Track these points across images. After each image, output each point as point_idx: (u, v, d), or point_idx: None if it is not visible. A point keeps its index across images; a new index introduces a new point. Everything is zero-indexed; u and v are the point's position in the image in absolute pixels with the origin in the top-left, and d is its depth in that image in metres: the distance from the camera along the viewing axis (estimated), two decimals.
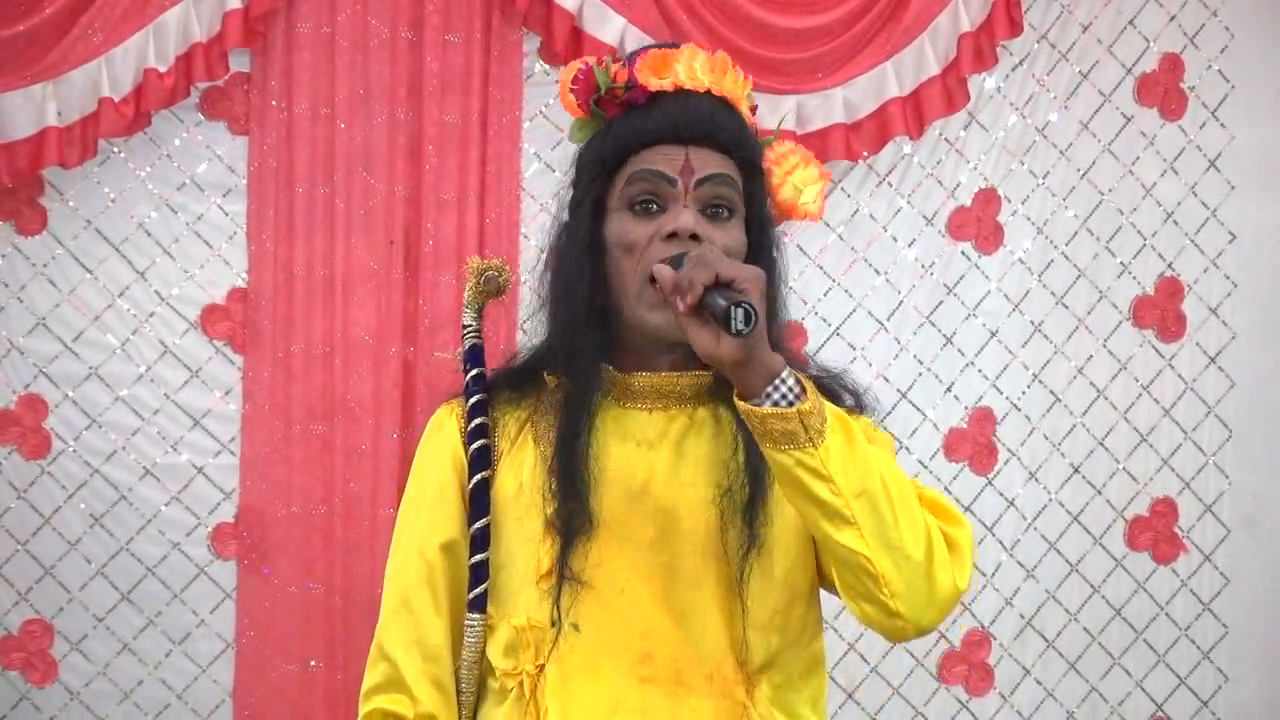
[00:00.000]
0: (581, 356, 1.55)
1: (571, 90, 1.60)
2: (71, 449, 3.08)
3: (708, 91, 1.57)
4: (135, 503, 3.09)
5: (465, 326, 1.66)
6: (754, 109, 1.63)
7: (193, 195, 3.10)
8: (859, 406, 1.62)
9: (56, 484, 3.07)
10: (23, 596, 3.08)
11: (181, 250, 3.10)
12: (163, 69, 2.94)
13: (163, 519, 3.10)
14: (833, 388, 1.60)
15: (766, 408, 1.39)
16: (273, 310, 3.09)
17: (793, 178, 1.62)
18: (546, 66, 3.19)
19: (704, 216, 1.52)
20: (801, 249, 3.29)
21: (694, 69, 1.57)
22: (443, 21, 3.09)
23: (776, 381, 1.39)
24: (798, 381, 1.40)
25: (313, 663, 3.09)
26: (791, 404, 1.39)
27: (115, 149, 3.06)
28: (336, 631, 3.08)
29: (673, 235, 1.50)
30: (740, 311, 1.36)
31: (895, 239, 3.37)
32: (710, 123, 1.55)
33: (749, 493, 1.52)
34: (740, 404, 1.41)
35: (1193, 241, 3.52)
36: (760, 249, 1.53)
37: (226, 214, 3.11)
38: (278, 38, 3.06)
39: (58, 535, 3.07)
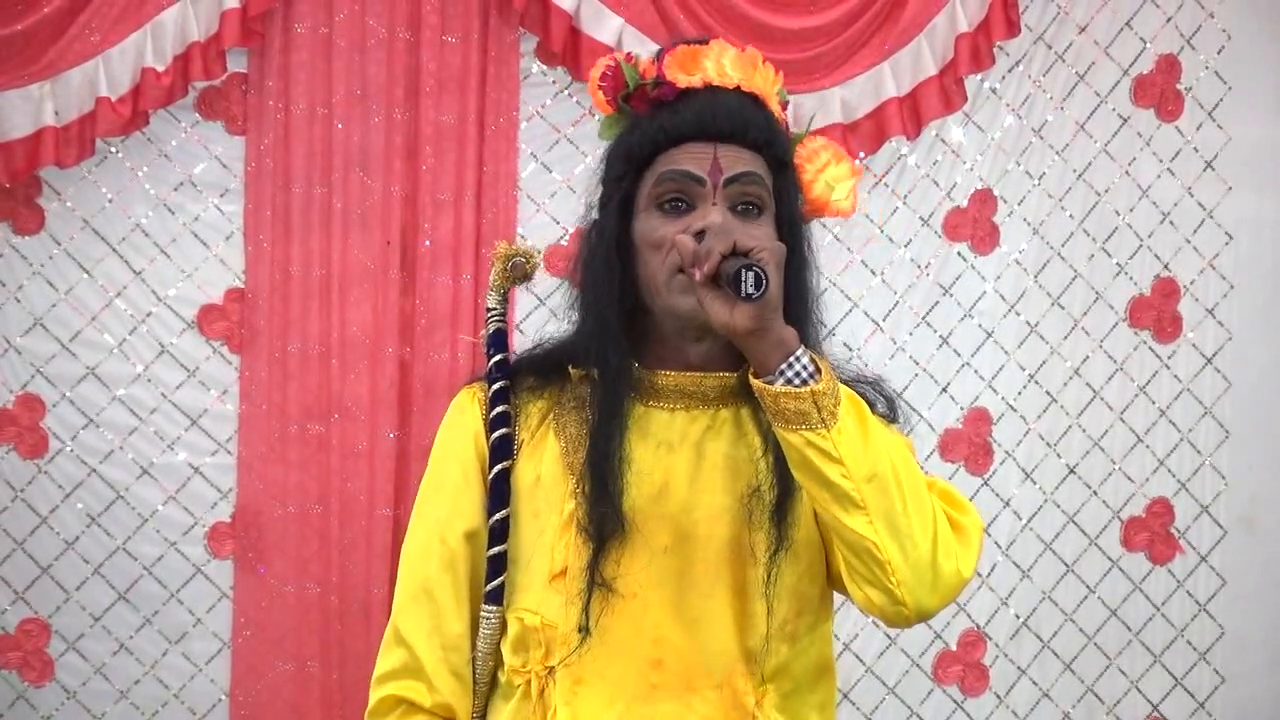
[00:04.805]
0: (615, 357, 1.53)
1: (600, 87, 1.59)
2: (69, 448, 3.08)
3: (737, 88, 1.56)
4: (132, 502, 3.10)
5: (490, 310, 1.64)
6: (785, 105, 1.62)
7: (190, 195, 3.11)
8: (891, 416, 1.61)
9: (54, 483, 3.07)
10: (20, 596, 3.08)
11: (179, 250, 3.11)
12: (160, 69, 2.94)
13: (160, 518, 3.11)
14: (867, 394, 1.58)
15: (779, 386, 1.39)
16: (270, 310, 3.09)
17: (825, 175, 1.60)
18: (544, 67, 3.20)
19: (734, 214, 1.51)
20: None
21: (723, 65, 1.56)
22: (440, 21, 3.10)
23: (791, 359, 1.39)
24: (812, 361, 1.40)
25: (309, 662, 3.09)
26: (805, 383, 1.38)
27: (112, 149, 3.06)
28: (333, 631, 3.09)
29: (701, 234, 1.48)
30: (751, 275, 1.36)
31: (891, 239, 3.38)
32: (739, 120, 1.53)
33: (778, 493, 1.51)
34: (754, 381, 1.41)
35: (1189, 242, 3.52)
36: (791, 247, 1.50)
37: (224, 214, 3.12)
38: (275, 38, 3.06)
39: (55, 534, 3.08)
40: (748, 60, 1.58)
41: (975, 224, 3.40)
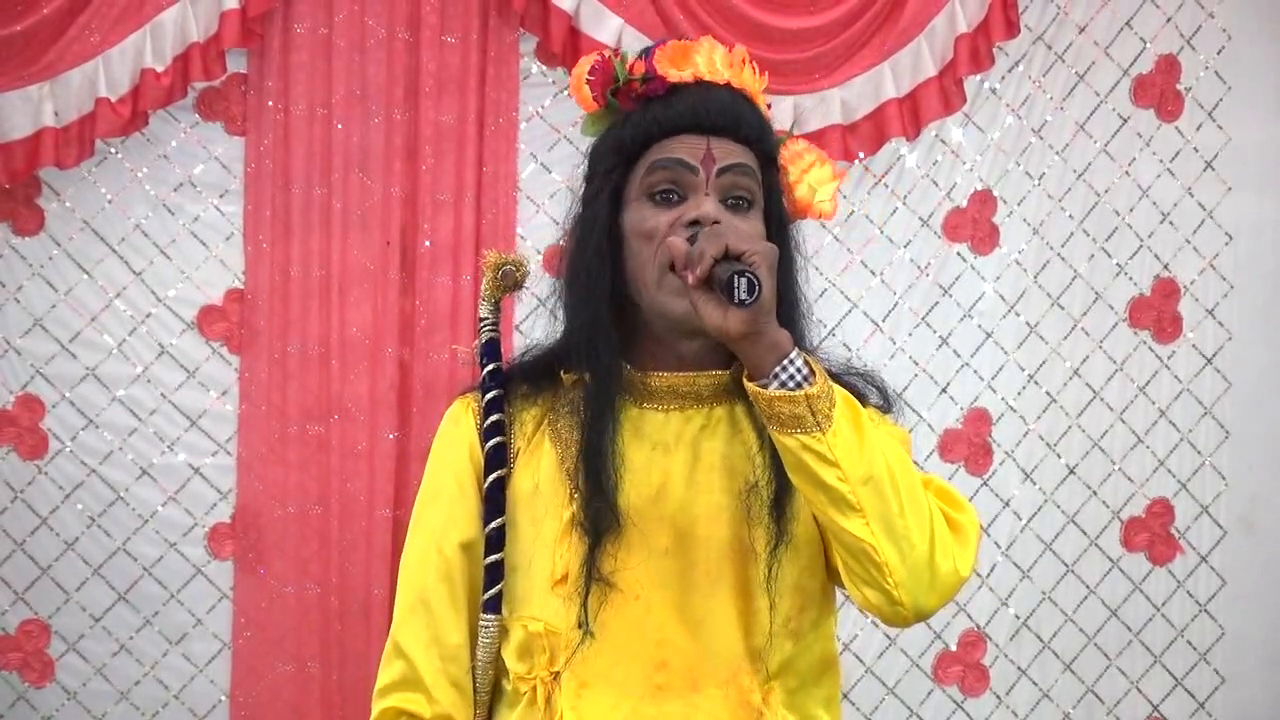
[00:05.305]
0: (604, 352, 1.53)
1: (588, 81, 1.59)
2: (68, 449, 3.08)
3: (727, 84, 1.57)
4: (132, 503, 3.10)
5: (482, 319, 1.64)
6: (768, 106, 1.63)
7: (189, 196, 3.11)
8: (885, 405, 1.62)
9: (53, 484, 3.07)
10: (20, 596, 3.08)
11: (178, 251, 3.11)
12: (160, 69, 2.94)
13: (159, 519, 3.11)
14: (858, 385, 1.59)
15: (774, 389, 1.39)
16: (269, 311, 3.09)
17: (809, 176, 1.61)
18: (543, 67, 3.20)
19: (725, 206, 1.51)
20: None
21: (714, 61, 1.57)
22: (440, 22, 3.10)
23: (785, 362, 1.39)
24: (806, 363, 1.40)
25: (309, 663, 3.09)
26: (799, 386, 1.38)
27: (112, 149, 3.06)
28: (333, 632, 3.09)
29: (695, 223, 1.48)
30: (744, 280, 1.36)
31: (891, 240, 3.38)
32: (732, 113, 1.54)
33: (775, 488, 1.51)
34: (748, 385, 1.41)
35: (1189, 242, 3.52)
36: (779, 243, 1.50)
37: (223, 215, 3.12)
38: (275, 38, 3.06)
39: (55, 535, 3.08)
40: (736, 58, 1.59)
41: (975, 224, 3.40)
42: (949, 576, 1.45)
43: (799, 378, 1.39)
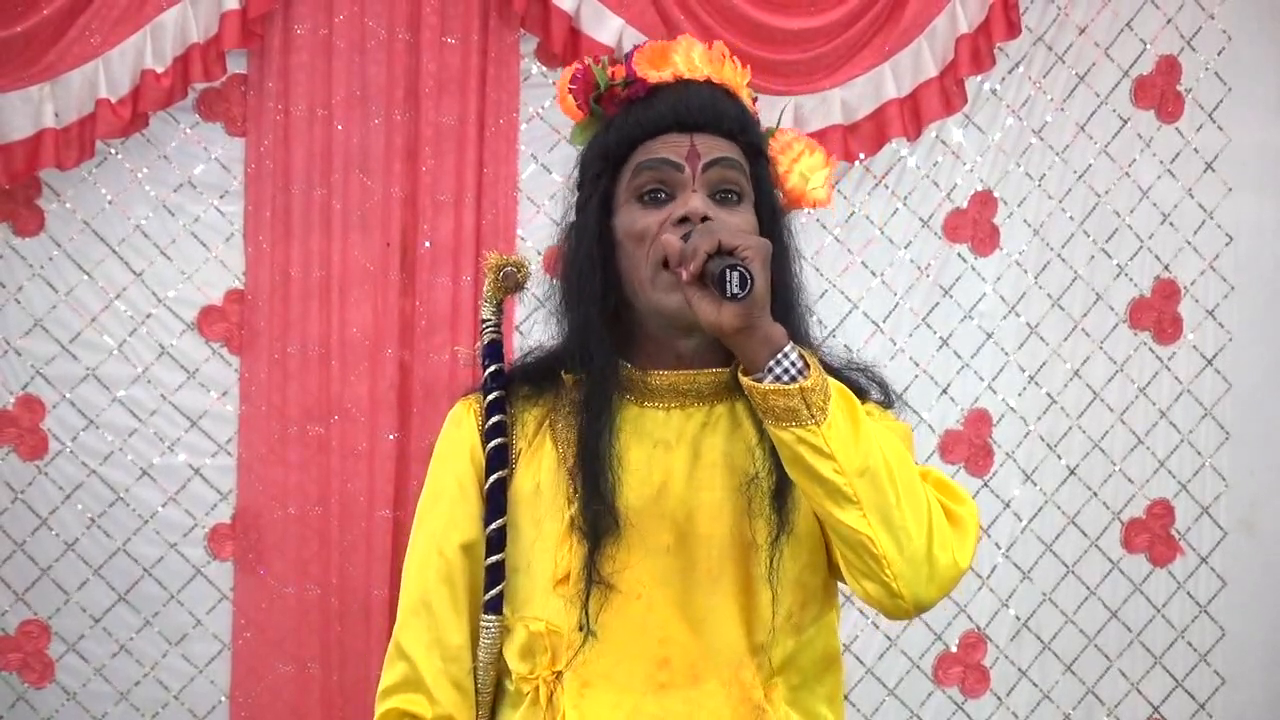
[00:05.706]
0: (599, 355, 1.54)
1: (570, 91, 1.59)
2: (69, 450, 3.08)
3: (708, 80, 1.57)
4: (132, 504, 3.10)
5: (484, 321, 1.64)
6: (754, 100, 1.63)
7: (190, 196, 3.11)
8: (886, 400, 1.62)
9: (54, 485, 3.07)
10: (20, 597, 3.08)
11: (178, 251, 3.11)
12: (160, 70, 2.94)
13: (160, 520, 3.11)
14: (859, 381, 1.60)
15: (768, 383, 1.39)
16: (269, 311, 3.09)
17: (799, 165, 1.61)
18: (544, 68, 3.20)
19: (714, 201, 1.51)
20: (797, 250, 3.28)
21: (692, 59, 1.57)
22: (440, 23, 3.10)
23: (780, 356, 1.39)
24: (801, 357, 1.40)
25: (309, 664, 3.09)
26: (794, 379, 1.39)
27: (112, 150, 3.06)
28: (332, 632, 3.09)
29: (684, 220, 1.49)
30: (735, 275, 1.36)
31: (891, 241, 3.37)
32: (713, 109, 1.54)
33: (776, 479, 1.51)
34: (743, 379, 1.41)
35: (1189, 243, 3.52)
36: (771, 235, 1.51)
37: (223, 215, 3.12)
38: (275, 39, 3.06)
39: (55, 536, 3.08)
40: (716, 54, 1.60)
41: (975, 225, 3.40)
42: (948, 569, 1.45)
43: (793, 371, 1.39)
